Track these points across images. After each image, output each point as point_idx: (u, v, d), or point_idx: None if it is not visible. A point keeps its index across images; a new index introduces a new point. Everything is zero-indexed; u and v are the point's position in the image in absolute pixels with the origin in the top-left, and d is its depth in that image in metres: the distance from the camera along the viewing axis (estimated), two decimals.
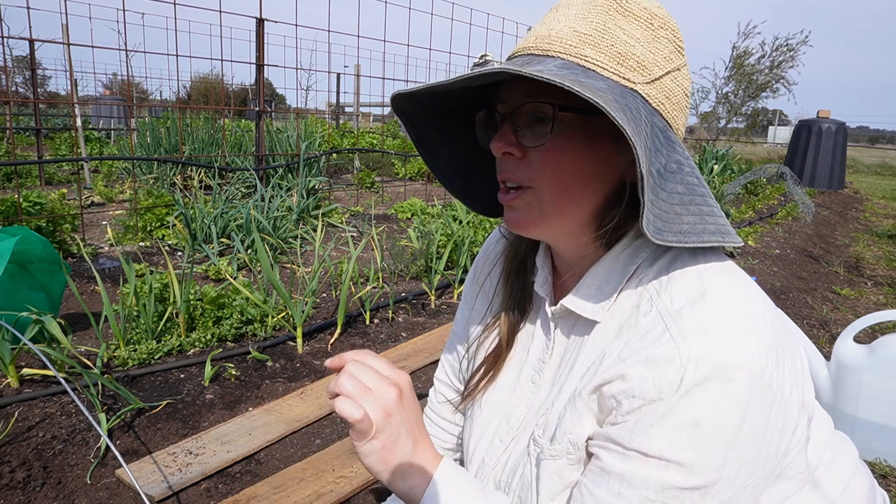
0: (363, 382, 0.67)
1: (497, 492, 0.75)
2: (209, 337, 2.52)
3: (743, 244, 0.71)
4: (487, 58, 7.85)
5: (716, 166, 8.87)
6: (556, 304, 0.79)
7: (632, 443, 0.62)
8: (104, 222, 4.84)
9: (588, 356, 0.72)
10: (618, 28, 0.68)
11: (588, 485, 0.66)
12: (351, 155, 8.26)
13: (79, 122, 5.87)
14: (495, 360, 0.87)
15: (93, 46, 5.59)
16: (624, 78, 0.67)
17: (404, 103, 0.76)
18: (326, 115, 14.74)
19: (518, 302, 0.86)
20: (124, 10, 4.38)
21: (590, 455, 0.70)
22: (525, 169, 0.71)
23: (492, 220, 4.35)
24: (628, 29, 0.68)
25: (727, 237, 0.68)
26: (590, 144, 0.69)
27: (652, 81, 0.68)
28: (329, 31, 5.35)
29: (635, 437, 0.62)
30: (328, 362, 0.70)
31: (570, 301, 0.75)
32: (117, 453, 1.08)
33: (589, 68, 0.66)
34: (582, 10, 0.69)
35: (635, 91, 0.67)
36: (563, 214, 0.72)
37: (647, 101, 0.67)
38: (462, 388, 1.01)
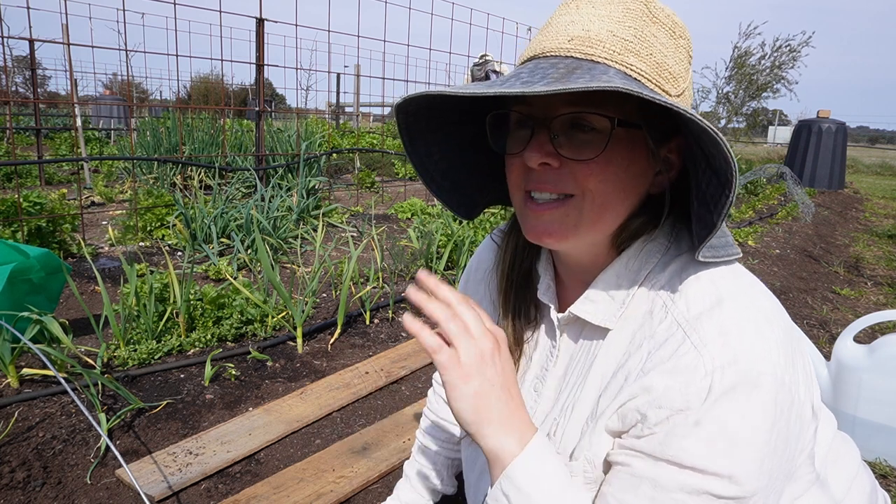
0: (464, 321, 0.64)
1: (577, 481, 0.70)
2: (209, 337, 2.52)
3: (741, 255, 0.70)
4: (487, 57, 7.85)
5: None
6: (562, 311, 0.78)
7: (664, 454, 0.61)
8: (104, 222, 4.84)
9: (604, 367, 0.71)
10: (652, 36, 0.65)
11: (616, 493, 0.64)
12: (351, 155, 8.26)
13: (79, 122, 5.87)
14: None
15: (93, 46, 5.60)
16: (662, 90, 0.64)
17: (413, 101, 0.70)
18: (326, 115, 14.74)
19: (524, 312, 0.83)
20: (124, 10, 4.38)
21: (607, 472, 0.69)
22: (566, 179, 0.67)
23: (492, 220, 4.35)
24: (659, 37, 0.66)
25: (736, 248, 0.69)
26: (630, 156, 0.67)
27: (681, 94, 0.67)
28: (329, 31, 5.35)
29: (667, 449, 0.61)
30: (426, 282, 0.67)
31: (579, 308, 0.73)
32: (117, 453, 1.08)
33: (635, 79, 0.63)
34: (614, 12, 0.65)
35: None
36: (596, 226, 0.69)
37: None
38: None
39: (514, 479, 0.63)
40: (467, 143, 0.82)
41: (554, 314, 0.79)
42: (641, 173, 0.69)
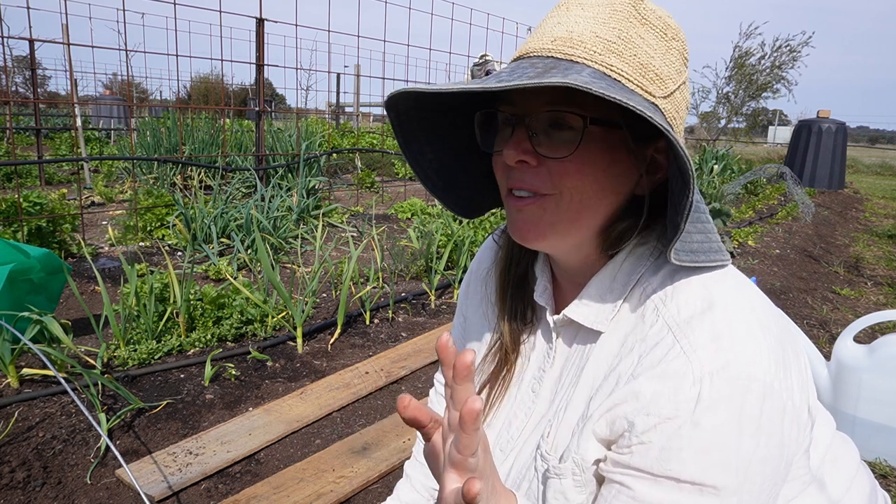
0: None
1: (566, 482, 0.70)
2: (209, 337, 2.52)
3: (731, 260, 0.70)
4: (487, 57, 7.85)
5: (716, 166, 8.87)
6: (557, 314, 0.77)
7: (662, 469, 0.61)
8: (104, 222, 4.84)
9: (595, 369, 0.71)
10: (638, 37, 0.65)
11: None
12: (351, 155, 8.26)
13: (79, 122, 5.87)
14: (499, 377, 0.84)
15: (93, 46, 5.60)
16: (646, 91, 0.64)
17: (400, 100, 0.71)
18: (326, 115, 14.75)
19: (520, 314, 0.84)
20: (124, 10, 4.39)
21: (598, 480, 0.68)
22: (544, 178, 0.67)
23: (492, 220, 4.35)
24: (647, 38, 0.66)
25: (724, 255, 0.68)
26: (610, 157, 0.67)
27: (668, 96, 0.66)
28: (329, 31, 5.36)
29: (664, 464, 0.60)
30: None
31: (573, 311, 0.74)
32: (117, 453, 1.09)
33: (615, 79, 0.63)
34: (601, 14, 0.66)
35: (655, 106, 0.65)
36: (575, 226, 0.70)
37: (664, 116, 0.65)
38: None
39: None
40: (461, 146, 0.82)
41: (550, 316, 0.79)
42: (623, 173, 0.69)
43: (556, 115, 0.65)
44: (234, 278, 3.06)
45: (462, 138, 0.81)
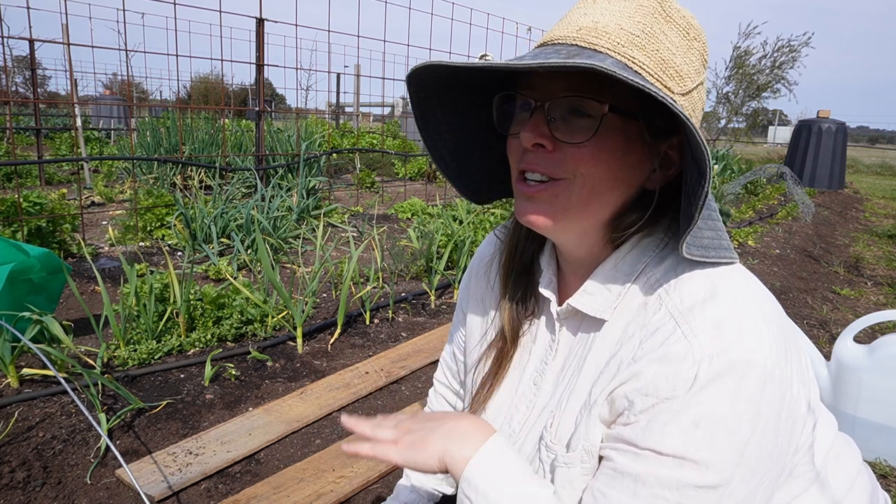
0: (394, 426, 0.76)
1: (574, 471, 0.72)
2: (209, 337, 2.52)
3: (735, 260, 0.71)
4: (487, 57, 7.85)
5: (716, 166, 8.86)
6: (561, 305, 0.78)
7: (645, 441, 0.61)
8: (104, 222, 4.84)
9: (598, 357, 0.72)
10: (661, 33, 0.66)
11: (601, 487, 0.65)
12: (351, 155, 8.26)
13: (79, 122, 5.87)
14: (499, 368, 0.85)
15: (93, 46, 5.60)
16: (665, 86, 0.65)
17: (421, 75, 0.72)
18: (326, 115, 14.75)
19: (522, 302, 0.85)
20: (124, 10, 4.39)
21: (601, 460, 0.69)
22: (558, 162, 0.68)
23: (492, 220, 4.35)
24: (670, 35, 0.67)
25: (732, 253, 0.69)
26: (625, 147, 0.68)
27: (686, 93, 0.67)
28: (329, 31, 5.36)
29: (649, 436, 0.61)
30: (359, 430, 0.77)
31: (577, 300, 0.74)
32: (117, 453, 1.09)
33: (636, 71, 0.64)
34: (626, 8, 0.67)
35: (673, 101, 0.66)
36: (585, 213, 0.70)
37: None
38: (461, 389, 1.01)
39: (471, 480, 0.67)
40: (478, 124, 0.83)
41: (554, 307, 0.80)
42: (637, 165, 0.70)
43: (575, 102, 0.66)
44: (234, 278, 3.06)
45: (479, 118, 0.82)
